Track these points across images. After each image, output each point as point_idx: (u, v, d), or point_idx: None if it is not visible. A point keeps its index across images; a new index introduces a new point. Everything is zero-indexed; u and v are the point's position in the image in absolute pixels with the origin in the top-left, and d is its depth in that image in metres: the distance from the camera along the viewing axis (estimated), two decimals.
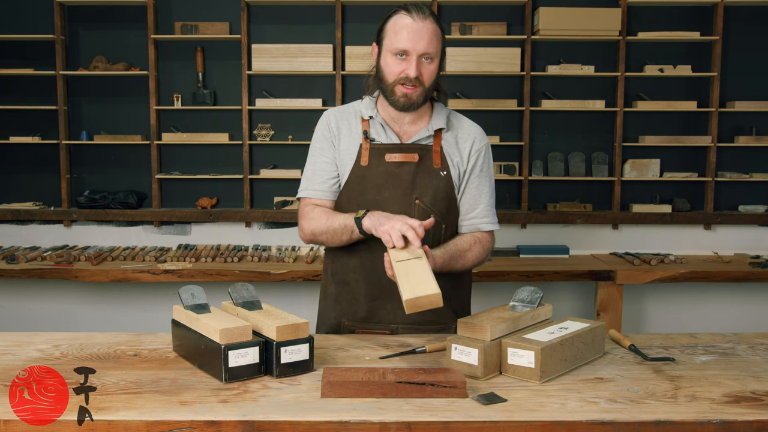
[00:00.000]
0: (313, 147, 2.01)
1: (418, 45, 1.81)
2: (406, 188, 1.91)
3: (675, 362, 1.62)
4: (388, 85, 1.87)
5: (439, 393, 1.37)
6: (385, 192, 1.91)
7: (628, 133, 3.96)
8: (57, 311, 3.97)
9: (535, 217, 3.89)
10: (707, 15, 3.91)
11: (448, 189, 1.94)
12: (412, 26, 1.81)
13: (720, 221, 3.91)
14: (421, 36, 1.81)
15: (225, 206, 4.02)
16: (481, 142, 2.00)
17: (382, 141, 1.94)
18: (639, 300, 3.97)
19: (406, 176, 1.91)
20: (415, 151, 1.93)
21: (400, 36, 1.82)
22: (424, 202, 1.91)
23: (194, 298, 1.65)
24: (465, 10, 3.92)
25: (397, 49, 1.83)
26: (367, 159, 1.92)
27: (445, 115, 1.98)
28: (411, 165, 1.91)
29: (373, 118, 1.95)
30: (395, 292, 1.80)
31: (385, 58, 1.87)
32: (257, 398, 1.38)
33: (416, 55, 1.82)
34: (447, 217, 1.95)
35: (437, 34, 1.85)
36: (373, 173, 1.92)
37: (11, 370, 1.52)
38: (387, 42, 1.86)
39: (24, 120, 3.96)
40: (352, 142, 1.96)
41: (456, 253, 1.90)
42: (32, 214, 3.92)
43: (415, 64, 1.82)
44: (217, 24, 3.87)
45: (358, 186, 1.93)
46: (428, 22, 1.83)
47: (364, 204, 1.90)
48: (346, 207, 1.95)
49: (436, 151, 1.94)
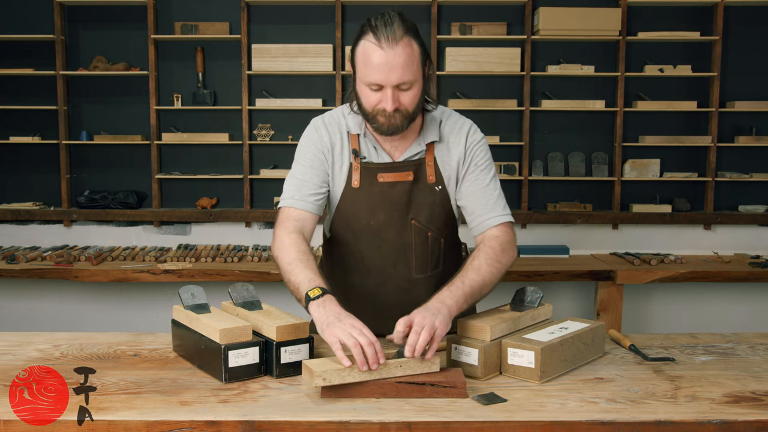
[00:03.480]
0: (303, 156, 1.83)
1: (391, 77, 1.62)
2: (401, 209, 1.81)
3: (675, 362, 1.62)
4: (368, 113, 1.71)
5: (439, 393, 1.37)
6: (379, 215, 1.81)
7: (628, 133, 3.96)
8: (57, 311, 3.97)
9: (535, 217, 3.89)
10: (707, 15, 3.91)
11: (444, 203, 1.83)
12: (382, 58, 1.61)
13: (720, 221, 3.90)
14: (393, 67, 1.61)
15: (225, 206, 4.02)
16: (473, 136, 1.84)
17: (372, 160, 1.80)
18: (639, 300, 3.96)
19: (400, 197, 1.80)
20: (409, 168, 1.80)
21: (370, 69, 1.63)
22: (420, 222, 1.82)
23: (194, 298, 1.65)
24: (465, 10, 3.92)
25: (369, 82, 1.65)
26: (358, 180, 1.80)
27: (437, 124, 1.83)
28: (405, 184, 1.80)
29: (361, 135, 1.80)
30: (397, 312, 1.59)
31: (360, 87, 1.70)
32: (257, 398, 1.38)
33: (390, 87, 1.64)
34: (444, 231, 1.87)
35: (413, 57, 1.64)
36: (365, 195, 1.80)
37: (11, 370, 1.52)
38: (359, 72, 1.68)
39: (24, 120, 3.96)
40: (342, 158, 1.82)
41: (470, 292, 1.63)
42: (32, 214, 3.92)
43: (391, 96, 1.64)
44: (217, 24, 3.87)
45: (350, 209, 1.82)
46: (400, 48, 1.61)
47: (358, 230, 1.81)
48: (342, 233, 1.85)
49: (430, 164, 1.81)
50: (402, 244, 1.83)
